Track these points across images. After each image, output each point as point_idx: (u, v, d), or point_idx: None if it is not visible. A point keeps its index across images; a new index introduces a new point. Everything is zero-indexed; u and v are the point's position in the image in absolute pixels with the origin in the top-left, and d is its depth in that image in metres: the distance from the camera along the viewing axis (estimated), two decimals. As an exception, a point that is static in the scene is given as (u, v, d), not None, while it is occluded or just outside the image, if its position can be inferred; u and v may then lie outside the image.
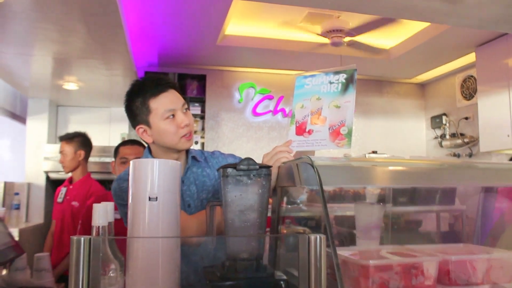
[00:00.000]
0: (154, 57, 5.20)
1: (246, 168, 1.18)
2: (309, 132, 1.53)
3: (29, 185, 4.85)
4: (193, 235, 1.50)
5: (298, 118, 1.58)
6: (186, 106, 1.62)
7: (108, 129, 5.70)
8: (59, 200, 3.37)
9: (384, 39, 5.02)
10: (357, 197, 2.16)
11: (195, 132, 5.71)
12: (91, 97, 5.21)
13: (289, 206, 1.83)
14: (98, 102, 5.54)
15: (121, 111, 5.68)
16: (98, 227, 1.12)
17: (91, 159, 4.68)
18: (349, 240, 1.58)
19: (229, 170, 1.19)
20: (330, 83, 1.56)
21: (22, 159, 4.96)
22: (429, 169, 1.36)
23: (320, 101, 1.55)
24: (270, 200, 1.27)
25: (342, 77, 1.53)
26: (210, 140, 5.75)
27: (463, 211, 1.93)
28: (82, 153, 3.48)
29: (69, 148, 3.43)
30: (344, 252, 1.23)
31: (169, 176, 1.17)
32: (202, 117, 5.77)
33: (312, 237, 0.86)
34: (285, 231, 2.49)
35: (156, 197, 1.13)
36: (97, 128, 5.65)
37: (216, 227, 1.30)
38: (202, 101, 5.78)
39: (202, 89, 5.78)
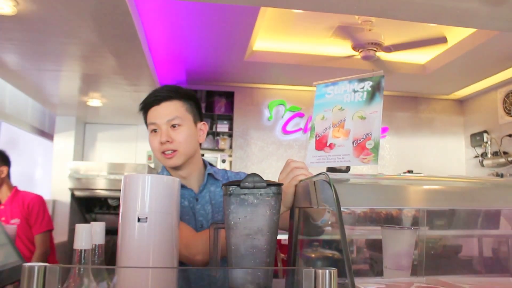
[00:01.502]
0: (182, 75, 5.16)
1: (251, 185, 1.02)
2: (331, 146, 1.36)
3: (54, 202, 4.85)
4: (195, 257, 1.34)
5: (319, 131, 1.41)
6: (177, 121, 1.49)
7: (134, 147, 5.68)
8: None
9: (419, 53, 4.80)
10: (389, 219, 1.97)
11: (223, 150, 5.61)
12: (117, 114, 5.22)
13: (312, 228, 1.66)
14: (125, 119, 5.55)
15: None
16: (80, 251, 0.98)
17: (116, 176, 4.63)
18: (381, 267, 1.39)
19: (232, 187, 1.03)
20: (354, 91, 1.38)
21: (49, 176, 4.97)
22: (469, 189, 1.17)
23: (343, 112, 1.38)
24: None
25: (368, 85, 1.36)
26: (238, 159, 5.63)
27: (510, 236, 1.72)
28: (5, 169, 3.25)
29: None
30: (367, 286, 1.04)
31: (162, 194, 1.02)
32: (230, 135, 5.67)
33: (320, 272, 0.69)
34: (313, 255, 2.31)
35: (146, 218, 0.99)
36: (123, 146, 5.65)
37: (221, 250, 1.14)
38: (230, 119, 5.69)
39: (230, 106, 5.70)
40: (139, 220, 0.98)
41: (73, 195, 4.89)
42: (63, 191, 4.82)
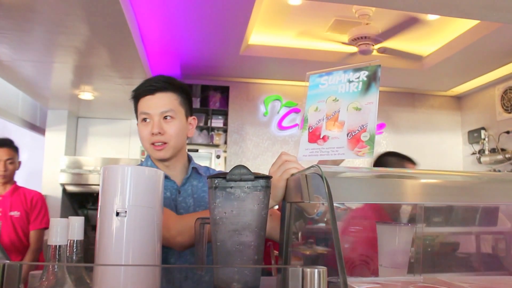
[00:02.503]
0: (176, 69, 5.09)
1: (238, 178, 0.96)
2: (324, 138, 1.29)
3: (45, 197, 4.76)
4: (175, 238, 1.30)
5: (312, 123, 1.35)
6: (170, 114, 1.47)
7: (128, 142, 5.61)
8: None
9: (417, 48, 4.74)
10: (384, 215, 1.91)
11: (218, 145, 5.55)
12: (110, 108, 5.16)
13: (307, 224, 1.61)
14: (118, 113, 5.48)
15: (141, 123, 5.57)
16: (55, 247, 0.91)
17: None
18: (376, 265, 1.34)
19: (218, 180, 0.96)
20: (349, 81, 1.32)
21: (40, 171, 4.89)
22: (467, 183, 1.12)
23: (337, 103, 1.32)
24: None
25: (364, 75, 1.30)
26: (233, 155, 5.57)
27: (508, 233, 1.67)
28: (20, 162, 3.33)
29: (15, 155, 3.25)
30: (360, 286, 0.99)
31: (144, 187, 0.96)
32: (225, 131, 5.61)
33: (308, 271, 0.63)
34: (307, 253, 2.25)
35: (126, 212, 0.93)
36: (116, 140, 5.58)
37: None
38: (225, 114, 5.62)
39: (225, 101, 5.63)
40: (117, 214, 0.92)
41: (64, 190, 4.82)
42: (55, 186, 4.75)
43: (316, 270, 0.64)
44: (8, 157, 3.18)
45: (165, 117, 1.46)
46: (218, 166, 5.27)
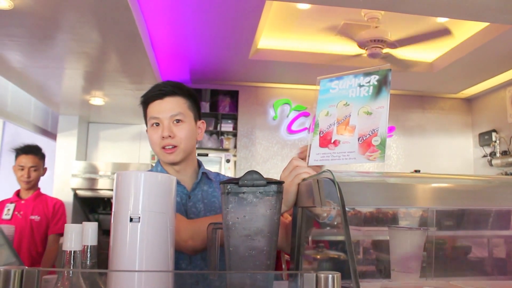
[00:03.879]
0: (186, 74, 5.11)
1: (250, 183, 0.97)
2: (335, 143, 1.29)
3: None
4: (187, 242, 1.31)
5: (323, 127, 1.35)
6: (180, 117, 1.48)
7: (138, 146, 5.64)
8: (6, 216, 3.19)
9: (426, 50, 4.72)
10: (396, 219, 1.90)
11: (227, 150, 5.55)
12: (120, 113, 5.19)
13: (318, 229, 1.61)
14: (128, 118, 5.51)
15: (151, 128, 5.57)
16: (69, 252, 0.92)
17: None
18: (388, 269, 1.33)
19: (230, 185, 0.97)
20: (360, 86, 1.32)
21: (51, 176, 4.93)
22: (480, 187, 1.11)
23: (348, 107, 1.31)
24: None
25: (374, 79, 1.30)
26: (243, 159, 5.57)
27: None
28: (46, 169, 3.41)
29: (40, 163, 3.32)
30: (373, 290, 0.98)
31: (157, 192, 0.97)
32: (235, 135, 5.62)
33: (322, 276, 0.64)
34: (318, 257, 2.24)
35: (139, 218, 0.93)
36: (127, 145, 5.61)
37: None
38: (234, 118, 5.63)
39: (234, 105, 5.64)
40: (131, 220, 0.93)
41: (76, 195, 4.86)
42: (66, 191, 4.79)
43: (330, 275, 0.64)
44: (32, 165, 3.24)
45: (175, 121, 1.47)
46: (228, 170, 5.28)
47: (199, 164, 1.62)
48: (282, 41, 4.66)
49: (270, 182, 0.98)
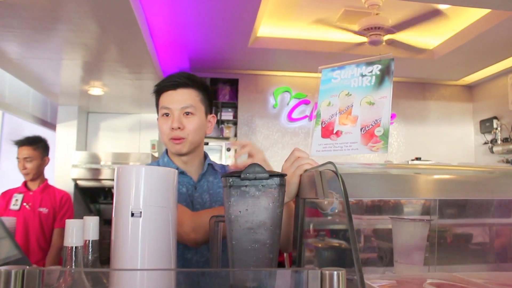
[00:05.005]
0: (185, 62, 5.08)
1: (252, 176, 0.95)
2: (337, 134, 1.28)
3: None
4: (189, 235, 1.31)
5: (324, 117, 1.34)
6: (191, 110, 1.48)
7: (138, 136, 5.63)
8: (15, 207, 3.21)
9: (427, 37, 4.68)
10: (398, 208, 1.90)
11: (227, 138, 5.55)
12: (120, 103, 5.17)
13: (319, 218, 1.60)
14: (127, 108, 5.49)
15: (151, 117, 5.62)
16: (71, 248, 0.91)
17: (116, 166, 4.64)
18: (390, 257, 1.33)
19: (232, 179, 0.96)
20: (362, 76, 1.30)
21: (51, 166, 4.93)
22: (482, 178, 1.11)
23: (350, 97, 1.30)
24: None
25: (377, 69, 1.28)
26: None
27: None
28: (47, 159, 3.39)
29: (35, 153, 3.29)
30: (376, 282, 0.98)
31: (158, 186, 0.95)
32: (235, 123, 5.60)
33: (327, 273, 0.63)
34: (319, 245, 2.24)
35: (141, 212, 0.92)
36: (127, 135, 5.59)
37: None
38: (234, 106, 5.61)
39: (234, 94, 5.62)
40: (132, 214, 0.92)
41: (76, 185, 4.85)
42: (67, 182, 4.78)
43: (335, 272, 0.63)
44: (26, 156, 3.24)
45: (185, 113, 1.47)
46: (228, 158, 5.28)
47: (205, 156, 1.62)
48: (282, 29, 4.62)
49: (272, 175, 0.97)
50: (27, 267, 0.61)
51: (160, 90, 1.52)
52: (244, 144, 1.36)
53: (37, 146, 3.31)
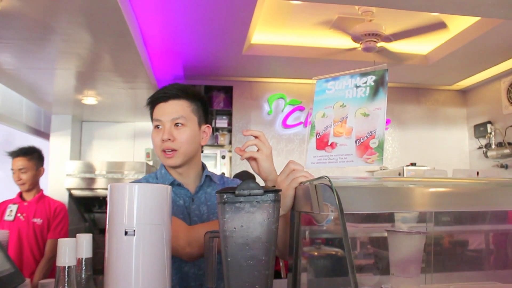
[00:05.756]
0: (179, 70, 5.07)
1: (247, 193, 0.95)
2: (332, 145, 1.28)
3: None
4: (185, 249, 1.30)
5: (319, 129, 1.33)
6: (181, 121, 1.47)
7: (132, 145, 5.61)
8: (9, 218, 3.19)
9: (421, 43, 4.70)
10: (394, 216, 1.90)
11: (222, 146, 5.53)
12: (114, 112, 5.15)
13: (315, 228, 1.60)
14: (122, 117, 5.48)
15: (145, 125, 5.61)
16: (63, 268, 0.90)
17: (114, 175, 4.57)
18: (385, 265, 1.33)
19: (227, 195, 0.95)
20: (357, 86, 1.30)
21: (45, 176, 4.90)
22: (476, 190, 1.11)
23: (344, 108, 1.30)
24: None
25: (371, 80, 1.28)
26: (238, 155, 5.53)
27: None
28: (42, 170, 3.40)
29: (30, 164, 3.29)
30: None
31: (151, 204, 0.95)
32: (230, 131, 5.59)
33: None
34: (316, 253, 2.24)
35: (134, 231, 0.91)
36: (121, 144, 5.58)
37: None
38: (229, 114, 5.60)
39: (229, 101, 5.61)
40: (126, 233, 0.91)
41: (71, 195, 4.81)
42: (61, 191, 4.74)
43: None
44: (20, 167, 3.23)
45: (176, 124, 1.47)
46: (223, 166, 5.26)
47: (203, 167, 1.62)
48: (276, 36, 4.62)
49: (267, 190, 0.96)
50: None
51: (152, 102, 1.52)
52: (256, 135, 1.36)
53: (32, 157, 3.29)
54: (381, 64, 1.28)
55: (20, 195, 3.31)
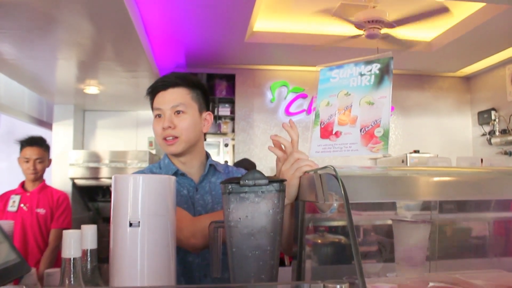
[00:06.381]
0: (181, 58, 5.05)
1: (252, 183, 0.94)
2: (337, 134, 1.27)
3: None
4: (189, 240, 1.29)
5: (323, 118, 1.32)
6: (181, 108, 1.47)
7: (135, 133, 5.61)
8: (12, 208, 3.18)
9: (425, 29, 4.66)
10: (398, 203, 1.90)
11: (225, 134, 5.53)
12: (116, 101, 5.15)
13: (318, 215, 1.60)
14: (124, 106, 5.47)
15: (148, 114, 5.60)
16: (69, 259, 0.90)
17: (118, 164, 4.58)
18: (389, 252, 1.33)
19: (232, 185, 0.95)
20: (361, 75, 1.29)
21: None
22: (481, 179, 1.11)
23: (349, 97, 1.28)
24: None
25: (376, 68, 1.26)
26: (241, 142, 5.54)
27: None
28: (51, 160, 3.39)
29: (45, 154, 3.30)
30: (378, 285, 0.97)
31: (156, 195, 0.94)
32: (232, 119, 5.58)
33: (330, 287, 0.61)
34: (319, 241, 2.24)
35: (139, 222, 0.91)
36: (124, 133, 5.58)
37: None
38: (231, 102, 5.59)
39: (231, 89, 5.59)
40: (131, 224, 0.91)
41: (74, 185, 4.83)
42: (64, 181, 4.75)
43: (338, 286, 0.62)
44: (37, 157, 3.21)
45: (176, 112, 1.46)
46: (226, 154, 5.26)
47: (207, 156, 1.61)
48: (278, 23, 4.59)
49: (272, 180, 0.95)
50: (24, 287, 0.59)
51: (152, 92, 1.52)
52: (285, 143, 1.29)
53: (46, 146, 3.30)
54: (385, 51, 1.26)
55: (22, 185, 3.30)
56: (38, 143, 3.24)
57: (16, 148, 3.28)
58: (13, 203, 3.19)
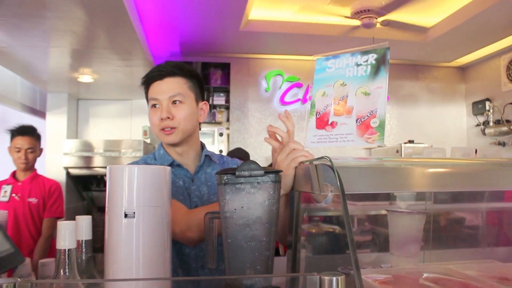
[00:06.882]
0: (175, 47, 5.01)
1: (247, 174, 0.94)
2: (332, 125, 1.26)
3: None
4: (185, 233, 1.29)
5: (319, 108, 1.31)
6: (179, 98, 1.45)
7: (129, 122, 5.58)
8: (4, 198, 3.18)
9: (421, 19, 4.64)
10: (393, 194, 1.90)
11: (220, 123, 5.51)
12: (110, 89, 5.10)
13: (313, 206, 1.60)
14: (118, 94, 5.43)
15: (142, 103, 5.57)
16: (64, 250, 0.89)
17: (112, 154, 4.56)
18: (384, 242, 1.33)
19: (227, 176, 0.94)
20: (357, 65, 1.28)
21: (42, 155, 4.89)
22: (475, 170, 1.11)
23: (345, 87, 1.28)
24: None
25: (372, 58, 1.26)
26: (236, 131, 5.53)
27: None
28: (42, 150, 3.39)
29: (37, 144, 3.29)
30: (372, 278, 0.97)
31: (151, 186, 0.94)
32: (227, 108, 5.56)
33: (326, 279, 0.61)
34: (313, 231, 2.25)
35: (134, 213, 0.91)
36: (118, 122, 5.55)
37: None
38: (226, 91, 5.56)
39: (226, 78, 5.56)
40: (126, 215, 0.90)
41: (68, 174, 4.81)
42: (58, 170, 4.73)
43: (334, 278, 0.62)
44: (29, 146, 3.21)
45: (174, 102, 1.45)
46: (221, 143, 5.25)
47: (202, 147, 1.60)
48: (274, 12, 4.55)
49: (267, 171, 0.95)
50: (18, 279, 0.59)
51: (147, 81, 1.49)
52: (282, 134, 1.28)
53: (37, 136, 3.28)
54: (381, 41, 1.26)
55: (14, 175, 3.28)
56: (29, 133, 3.22)
57: (6, 137, 3.25)
58: (5, 193, 3.18)
